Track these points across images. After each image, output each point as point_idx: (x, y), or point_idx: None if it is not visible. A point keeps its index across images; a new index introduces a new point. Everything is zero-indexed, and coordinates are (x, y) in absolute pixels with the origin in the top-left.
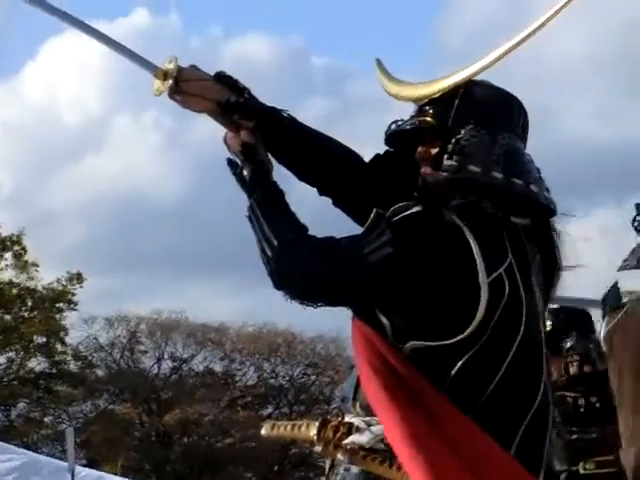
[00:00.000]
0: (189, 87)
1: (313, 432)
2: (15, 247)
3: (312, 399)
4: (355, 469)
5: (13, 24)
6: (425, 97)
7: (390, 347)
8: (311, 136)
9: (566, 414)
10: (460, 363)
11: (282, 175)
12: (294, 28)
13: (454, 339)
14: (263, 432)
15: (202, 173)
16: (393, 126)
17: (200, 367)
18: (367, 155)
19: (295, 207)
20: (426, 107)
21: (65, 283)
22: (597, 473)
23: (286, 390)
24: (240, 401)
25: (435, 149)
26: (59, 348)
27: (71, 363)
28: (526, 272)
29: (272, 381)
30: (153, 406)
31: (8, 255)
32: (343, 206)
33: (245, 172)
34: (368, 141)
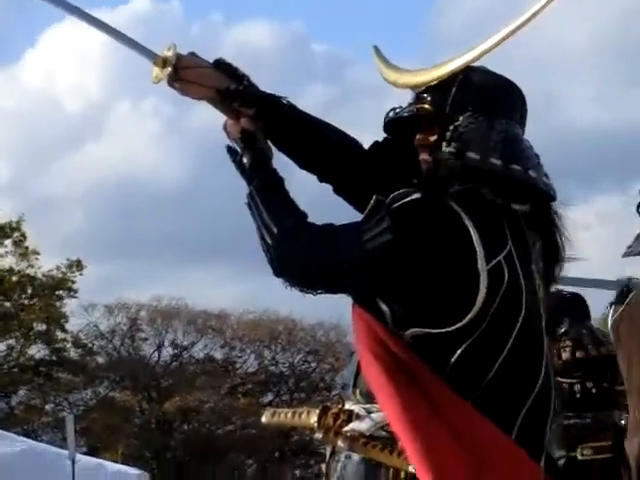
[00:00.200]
0: (188, 74)
1: (313, 419)
2: (15, 234)
3: (312, 386)
4: (356, 456)
5: (13, 12)
6: (423, 84)
7: (391, 334)
8: (311, 123)
9: (562, 400)
10: (460, 350)
11: (282, 162)
12: (295, 15)
13: (454, 326)
14: (263, 419)
15: (202, 160)
16: (391, 113)
17: (200, 354)
18: (367, 142)
19: (295, 194)
20: (424, 94)
21: (65, 270)
22: (594, 459)
23: (286, 377)
24: (240, 388)
25: (433, 136)
26: (59, 335)
27: (71, 350)
28: (526, 259)
29: (272, 368)
30: (153, 393)
31: (8, 242)
32: (343, 193)
33: (245, 159)
34: (368, 127)
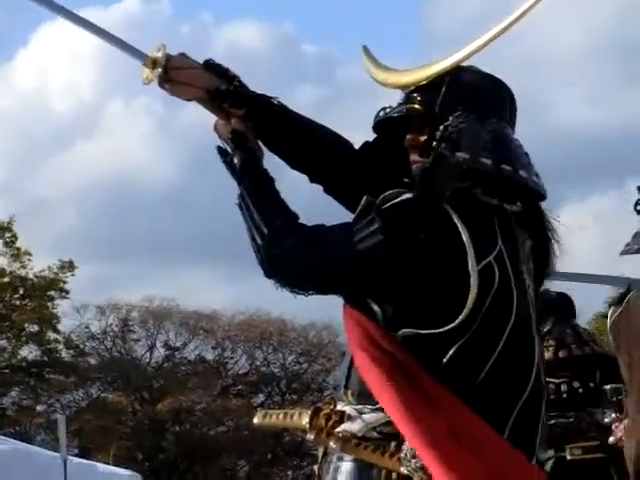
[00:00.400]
0: (178, 75)
1: (305, 421)
2: (6, 234)
3: (304, 387)
4: (348, 458)
5: (4, 11)
6: (412, 84)
7: (384, 333)
8: (301, 123)
9: (548, 399)
10: (452, 351)
11: (273, 163)
12: (285, 15)
13: (445, 327)
14: (255, 421)
15: (194, 160)
16: (381, 113)
17: (192, 355)
18: (358, 142)
19: (286, 195)
20: (414, 94)
21: (57, 271)
22: (584, 459)
23: (278, 378)
24: (232, 389)
25: (423, 136)
26: (51, 336)
27: (63, 351)
28: (516, 259)
29: (264, 369)
30: (145, 394)
31: None
32: (334, 193)
33: (235, 160)
34: (359, 128)
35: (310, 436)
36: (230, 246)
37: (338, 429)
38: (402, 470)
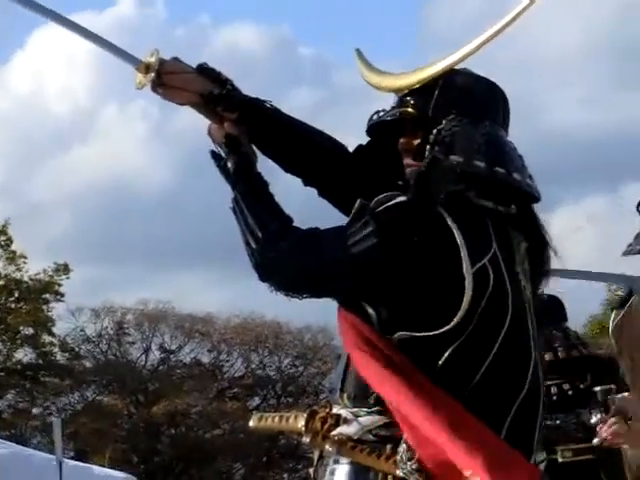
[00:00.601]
0: (171, 80)
1: (301, 423)
2: (1, 238)
3: (300, 390)
4: (344, 460)
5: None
6: (406, 87)
7: (379, 336)
8: (295, 127)
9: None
10: (447, 353)
11: (267, 167)
12: (282, 18)
13: (440, 330)
14: (251, 424)
15: (189, 164)
16: (375, 117)
17: (188, 358)
18: (353, 145)
19: (280, 198)
20: (407, 97)
21: (52, 274)
22: (574, 461)
23: (274, 381)
24: (228, 392)
25: (417, 140)
26: (46, 339)
27: (58, 354)
28: (510, 261)
29: (259, 372)
30: (141, 397)
31: None
32: (328, 196)
33: (229, 164)
34: (355, 131)
35: (306, 439)
36: (224, 249)
37: (334, 432)
38: (398, 473)
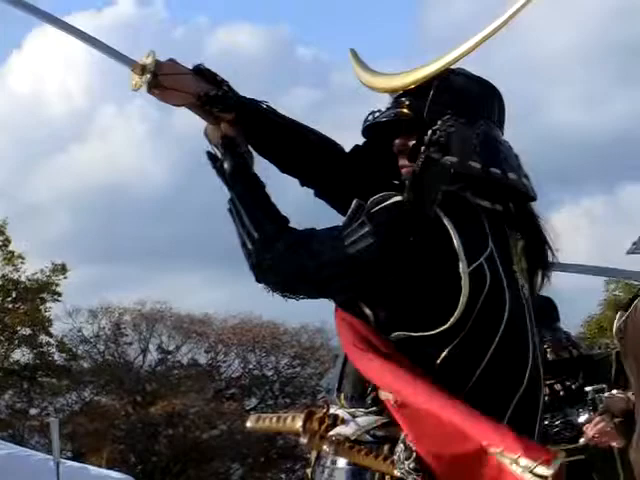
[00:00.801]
0: (167, 81)
1: (298, 424)
2: None
3: (298, 391)
4: (341, 461)
5: None
6: (401, 88)
7: (377, 335)
8: (291, 127)
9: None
10: (445, 353)
11: (264, 167)
12: (280, 18)
13: (437, 330)
14: (248, 425)
15: (187, 164)
16: (370, 117)
17: (185, 359)
18: (352, 145)
19: (276, 199)
20: (402, 98)
21: (49, 274)
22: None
23: (271, 382)
24: (225, 393)
25: (412, 141)
26: (44, 339)
27: (55, 355)
28: (507, 259)
29: (257, 372)
30: (138, 398)
31: None
32: (325, 197)
33: (225, 165)
34: (353, 131)
35: (303, 440)
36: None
37: (331, 433)
38: (396, 473)
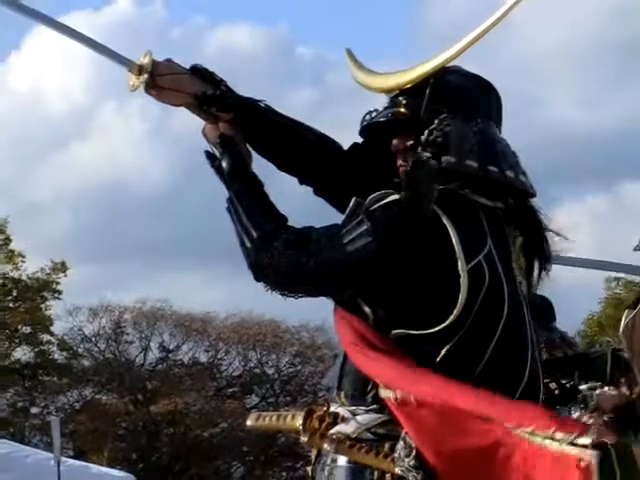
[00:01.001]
0: (165, 81)
1: (299, 422)
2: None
3: (298, 389)
4: (341, 459)
5: None
6: (397, 87)
7: (376, 334)
8: (289, 125)
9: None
10: (444, 350)
11: (263, 165)
12: (279, 18)
13: (437, 328)
14: (248, 423)
15: (188, 162)
16: (367, 117)
17: (186, 357)
18: (350, 145)
19: (276, 197)
20: (399, 98)
21: (49, 272)
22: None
23: (272, 380)
24: (226, 391)
25: (410, 140)
26: (44, 338)
27: (56, 353)
28: (506, 256)
29: (257, 371)
30: (139, 396)
31: None
32: (324, 195)
33: (223, 164)
34: (352, 130)
35: (304, 438)
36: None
37: (332, 431)
38: (397, 471)
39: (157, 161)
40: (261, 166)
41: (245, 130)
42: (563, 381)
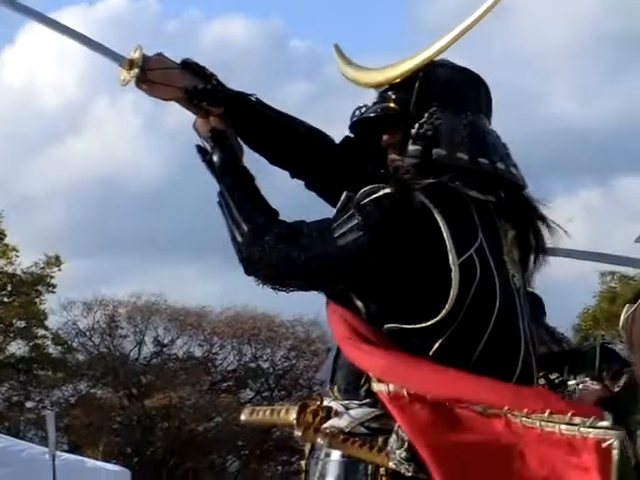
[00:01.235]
0: (155, 76)
1: (292, 417)
2: None
3: (293, 383)
4: (335, 453)
5: None
6: (386, 82)
7: (369, 328)
8: (281, 119)
9: None
10: (437, 344)
11: (254, 159)
12: (274, 11)
13: (429, 322)
14: (243, 417)
15: (182, 156)
16: (357, 112)
17: (181, 351)
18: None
19: (267, 191)
20: (388, 92)
21: (44, 266)
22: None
23: (267, 374)
24: (221, 385)
25: (399, 135)
26: (39, 332)
27: (51, 347)
28: (498, 250)
29: (252, 365)
30: (134, 390)
31: None
32: (316, 189)
33: (215, 158)
34: (347, 124)
35: (297, 432)
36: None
37: (325, 425)
38: (390, 464)
39: (151, 155)
40: (252, 160)
41: (236, 124)
42: (552, 376)
